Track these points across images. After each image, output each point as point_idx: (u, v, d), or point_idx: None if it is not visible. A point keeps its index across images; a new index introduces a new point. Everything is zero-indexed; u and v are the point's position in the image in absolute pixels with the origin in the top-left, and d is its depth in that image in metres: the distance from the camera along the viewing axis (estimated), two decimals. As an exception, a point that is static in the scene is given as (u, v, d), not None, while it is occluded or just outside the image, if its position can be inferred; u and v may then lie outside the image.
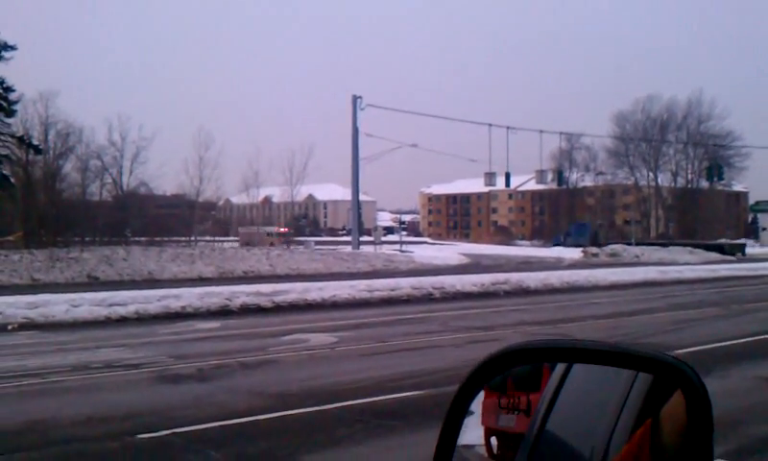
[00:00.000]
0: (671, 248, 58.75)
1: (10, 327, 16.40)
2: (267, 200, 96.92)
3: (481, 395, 1.79)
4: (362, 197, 63.84)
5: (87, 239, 58.03)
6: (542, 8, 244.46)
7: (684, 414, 1.42)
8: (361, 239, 54.71)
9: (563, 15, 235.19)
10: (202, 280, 30.29)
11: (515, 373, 1.92)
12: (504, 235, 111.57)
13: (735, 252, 61.05)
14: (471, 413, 1.76)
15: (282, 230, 79.46)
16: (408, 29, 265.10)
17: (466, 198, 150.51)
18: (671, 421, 1.46)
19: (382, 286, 24.19)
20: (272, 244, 66.77)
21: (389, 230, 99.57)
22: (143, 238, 57.68)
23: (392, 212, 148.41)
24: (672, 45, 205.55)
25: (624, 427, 1.64)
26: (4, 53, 50.19)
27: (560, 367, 1.91)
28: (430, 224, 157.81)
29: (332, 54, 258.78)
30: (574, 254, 56.80)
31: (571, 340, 1.71)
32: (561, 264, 43.43)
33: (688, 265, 42.25)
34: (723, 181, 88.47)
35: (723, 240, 70.79)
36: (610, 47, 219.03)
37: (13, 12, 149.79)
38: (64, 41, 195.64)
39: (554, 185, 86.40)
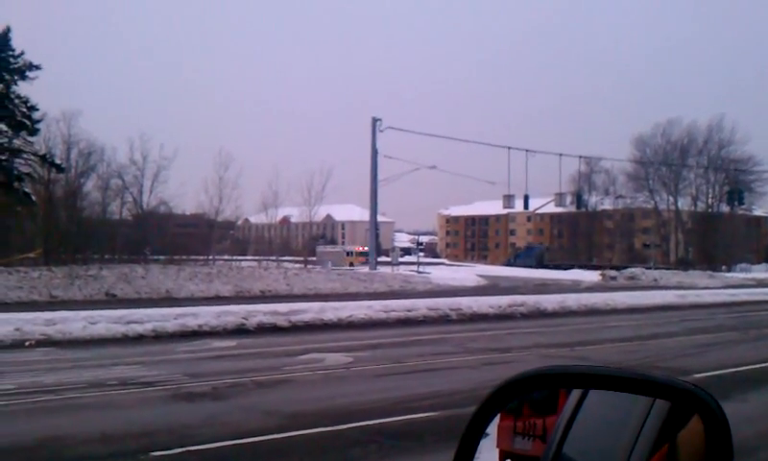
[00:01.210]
0: (690, 271, 58.39)
1: (27, 344, 16.47)
2: (285, 220, 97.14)
3: (496, 417, 1.77)
4: (380, 218, 63.93)
5: (107, 257, 58.42)
6: (562, 32, 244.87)
7: (702, 440, 1.39)
8: (378, 260, 54.64)
9: (583, 40, 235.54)
10: (219, 299, 30.39)
11: (531, 396, 1.90)
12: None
13: None
14: (486, 435, 1.74)
15: (362, 248, 79.54)
16: (428, 53, 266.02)
17: (484, 220, 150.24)
18: (688, 447, 1.43)
19: (399, 307, 24.11)
20: (351, 263, 68.60)
21: (406, 252, 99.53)
22: (162, 257, 57.93)
23: (410, 233, 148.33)
24: (693, 69, 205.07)
25: (640, 453, 1.61)
26: (28, 73, 51.14)
27: (576, 391, 1.88)
28: (448, 245, 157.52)
29: (353, 77, 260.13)
30: (592, 276, 56.46)
31: (588, 366, 1.69)
32: (578, 287, 43.17)
33: (707, 289, 41.86)
34: (743, 206, 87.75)
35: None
36: (631, 71, 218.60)
37: (38, 32, 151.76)
38: (88, 61, 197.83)
39: (573, 208, 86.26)
